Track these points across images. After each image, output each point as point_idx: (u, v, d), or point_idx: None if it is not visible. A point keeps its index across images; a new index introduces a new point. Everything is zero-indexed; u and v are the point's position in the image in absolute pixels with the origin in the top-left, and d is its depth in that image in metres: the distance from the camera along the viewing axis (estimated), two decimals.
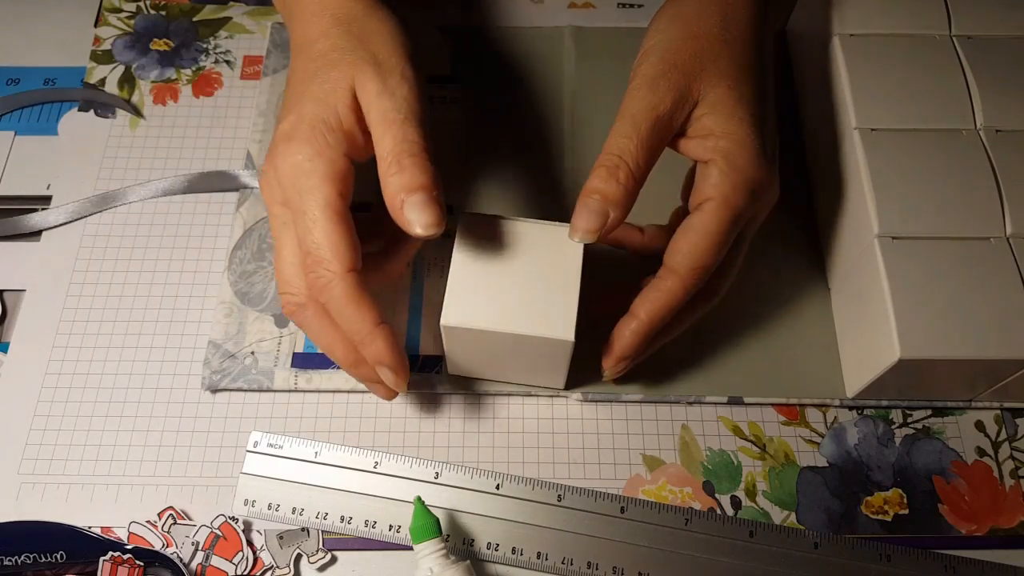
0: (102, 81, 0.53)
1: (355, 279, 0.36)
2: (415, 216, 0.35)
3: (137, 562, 0.38)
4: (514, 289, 0.37)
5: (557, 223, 0.39)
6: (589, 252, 0.39)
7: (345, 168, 0.37)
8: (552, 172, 0.50)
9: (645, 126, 0.36)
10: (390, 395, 0.40)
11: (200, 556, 0.39)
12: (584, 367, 0.43)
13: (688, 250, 0.37)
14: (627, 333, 0.39)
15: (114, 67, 0.54)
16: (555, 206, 0.49)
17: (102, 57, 0.54)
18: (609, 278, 0.40)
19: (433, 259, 0.47)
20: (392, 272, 0.42)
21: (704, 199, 0.37)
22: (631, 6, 0.56)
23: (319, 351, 0.44)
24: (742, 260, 0.41)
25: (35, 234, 0.48)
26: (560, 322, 0.37)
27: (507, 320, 0.37)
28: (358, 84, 0.37)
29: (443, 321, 0.37)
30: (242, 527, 0.40)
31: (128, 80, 0.53)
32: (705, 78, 0.37)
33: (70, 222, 0.48)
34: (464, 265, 0.38)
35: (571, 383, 0.43)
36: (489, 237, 0.38)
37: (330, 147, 0.36)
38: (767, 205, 0.39)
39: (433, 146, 0.37)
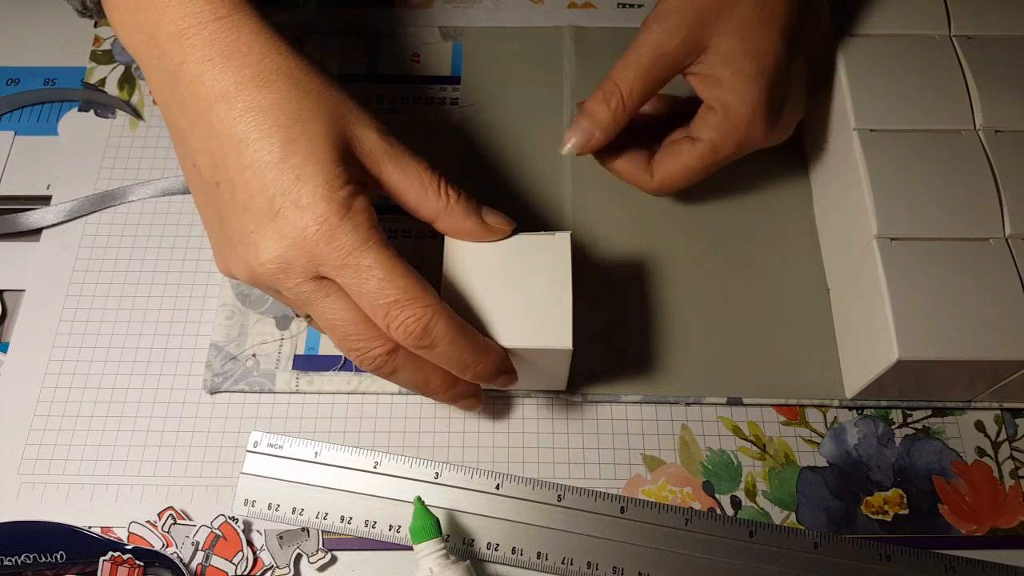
0: (102, 81, 0.53)
1: (448, 306, 0.35)
2: (495, 220, 0.38)
3: (137, 562, 0.38)
4: (508, 302, 0.37)
5: (542, 233, 0.39)
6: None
7: (371, 209, 0.35)
8: (551, 172, 0.50)
9: (647, 60, 0.39)
10: (480, 405, 0.41)
11: (200, 556, 0.39)
12: (584, 367, 0.43)
13: (667, 170, 0.42)
14: (614, 159, 0.43)
15: (114, 67, 0.54)
16: (554, 206, 0.49)
17: (102, 57, 0.54)
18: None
19: (434, 260, 0.47)
20: None
21: (696, 137, 0.41)
22: (631, 6, 0.56)
23: (332, 353, 0.44)
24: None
25: (35, 234, 0.48)
26: (557, 331, 0.37)
27: (505, 335, 0.37)
28: (351, 137, 0.35)
29: None
30: (242, 527, 0.40)
31: (128, 80, 0.53)
32: (718, 27, 0.38)
33: (68, 221, 0.48)
34: (455, 284, 0.38)
35: (571, 384, 0.43)
36: (475, 253, 0.38)
37: (355, 195, 0.34)
38: (760, 145, 0.42)
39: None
